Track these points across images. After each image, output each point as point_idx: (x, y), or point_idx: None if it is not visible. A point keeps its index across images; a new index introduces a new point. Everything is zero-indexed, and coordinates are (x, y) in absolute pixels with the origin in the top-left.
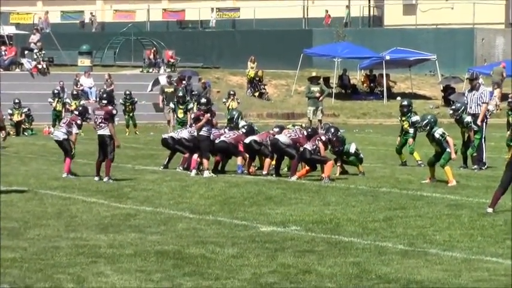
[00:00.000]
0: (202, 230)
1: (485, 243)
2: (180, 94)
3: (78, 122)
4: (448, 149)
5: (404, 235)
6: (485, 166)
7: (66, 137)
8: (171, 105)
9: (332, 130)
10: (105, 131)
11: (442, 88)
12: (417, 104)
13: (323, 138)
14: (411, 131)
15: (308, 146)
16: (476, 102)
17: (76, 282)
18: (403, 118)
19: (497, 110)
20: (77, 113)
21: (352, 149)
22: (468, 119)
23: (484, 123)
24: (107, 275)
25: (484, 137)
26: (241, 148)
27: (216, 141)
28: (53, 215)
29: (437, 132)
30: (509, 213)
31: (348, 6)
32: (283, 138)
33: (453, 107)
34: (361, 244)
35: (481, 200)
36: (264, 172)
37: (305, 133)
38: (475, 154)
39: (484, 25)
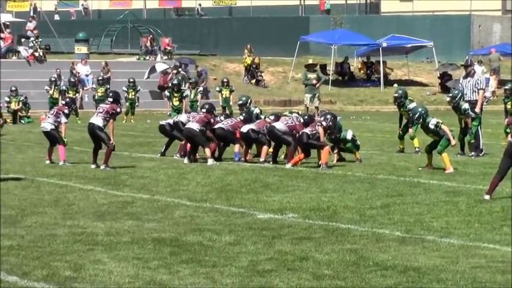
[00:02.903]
0: (199, 218)
1: (483, 230)
2: (175, 82)
3: (66, 111)
4: (445, 136)
5: (401, 222)
6: (482, 153)
7: (53, 127)
8: (166, 92)
9: (328, 117)
10: (97, 121)
11: (439, 75)
12: (414, 90)
13: (324, 123)
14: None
15: (307, 130)
16: (471, 89)
17: (73, 270)
18: (401, 109)
19: (493, 96)
20: (64, 103)
21: (349, 135)
22: (465, 106)
23: (481, 110)
24: (104, 262)
25: (481, 124)
26: (238, 135)
27: (215, 127)
28: (50, 203)
29: (432, 123)
30: (506, 200)
31: None
32: (280, 125)
33: (451, 94)
34: (358, 231)
35: (478, 187)
36: (261, 159)
37: (302, 120)
38: (472, 141)
39: (481, 12)
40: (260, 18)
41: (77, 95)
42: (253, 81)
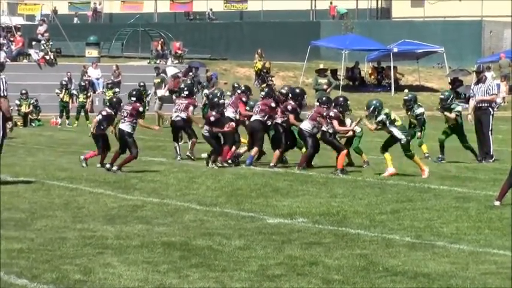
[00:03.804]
0: (209, 222)
1: (493, 236)
2: (182, 86)
3: (140, 109)
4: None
5: (411, 227)
6: (493, 159)
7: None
8: (174, 96)
9: (341, 99)
10: (126, 127)
11: (449, 81)
12: (424, 96)
13: (331, 114)
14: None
15: (324, 128)
16: (482, 95)
17: (83, 273)
18: (409, 113)
19: (504, 102)
20: (134, 99)
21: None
22: (459, 108)
23: (491, 116)
24: (114, 266)
25: (491, 130)
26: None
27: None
28: (60, 206)
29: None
30: None
31: None
32: (306, 125)
33: (442, 96)
34: (368, 236)
35: (489, 193)
36: (271, 164)
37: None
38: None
39: (492, 17)
40: (271, 23)
41: (88, 99)
42: (264, 85)
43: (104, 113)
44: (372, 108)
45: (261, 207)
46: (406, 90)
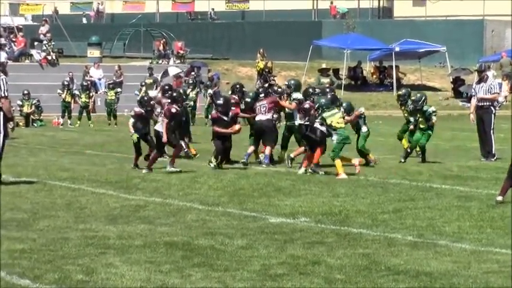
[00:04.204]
0: (211, 222)
1: (495, 235)
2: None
3: (173, 110)
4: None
5: (413, 226)
6: (495, 158)
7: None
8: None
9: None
10: (159, 127)
11: (451, 80)
12: (427, 95)
13: (306, 106)
14: (411, 119)
15: (300, 121)
16: (484, 94)
17: (85, 273)
18: (403, 108)
19: (506, 101)
20: (169, 100)
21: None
22: (431, 109)
23: (493, 115)
24: (116, 266)
25: (493, 129)
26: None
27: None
28: (62, 206)
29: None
30: None
31: None
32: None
33: (413, 98)
34: (370, 235)
35: (491, 192)
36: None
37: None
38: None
39: (494, 16)
40: (273, 23)
41: (90, 99)
42: (266, 85)
43: (132, 113)
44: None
45: (263, 207)
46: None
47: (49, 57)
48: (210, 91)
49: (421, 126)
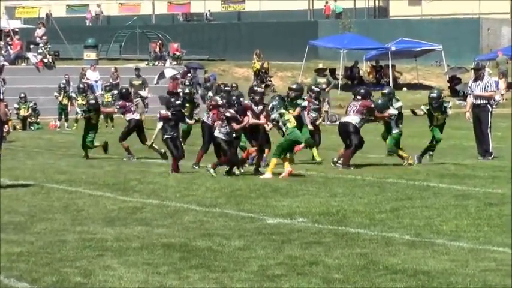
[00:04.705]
0: (208, 223)
1: (492, 233)
2: (187, 91)
3: (228, 114)
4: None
5: (411, 226)
6: (492, 156)
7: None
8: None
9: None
10: (218, 133)
11: (448, 78)
12: (423, 94)
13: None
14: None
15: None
16: (480, 92)
17: (83, 276)
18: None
19: (503, 99)
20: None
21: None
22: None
23: (490, 113)
24: (114, 268)
25: (490, 127)
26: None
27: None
28: (60, 209)
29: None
30: None
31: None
32: (353, 118)
33: (432, 95)
34: (368, 235)
35: (488, 190)
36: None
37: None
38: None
39: (490, 15)
40: (269, 23)
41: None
42: (263, 86)
43: (159, 115)
44: (270, 107)
45: (260, 208)
46: (404, 89)
47: (45, 60)
48: (210, 94)
49: (439, 121)
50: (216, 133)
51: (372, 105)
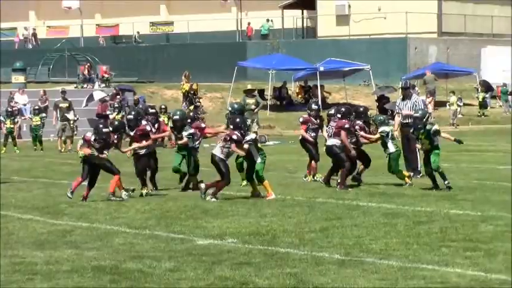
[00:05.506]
0: (139, 245)
1: (421, 251)
2: (177, 117)
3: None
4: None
5: (340, 245)
6: (420, 174)
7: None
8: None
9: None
10: (218, 152)
11: (376, 98)
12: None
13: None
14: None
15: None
16: (408, 111)
17: None
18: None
19: (431, 118)
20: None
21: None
22: (435, 127)
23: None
24: None
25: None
26: None
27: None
28: None
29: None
30: (443, 221)
31: (268, 20)
32: (336, 141)
33: (416, 114)
34: (297, 255)
35: (417, 209)
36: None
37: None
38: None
39: (417, 34)
40: (197, 45)
41: (16, 125)
42: (192, 107)
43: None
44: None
45: (190, 229)
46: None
47: None
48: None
49: (424, 146)
50: (217, 152)
51: (347, 126)
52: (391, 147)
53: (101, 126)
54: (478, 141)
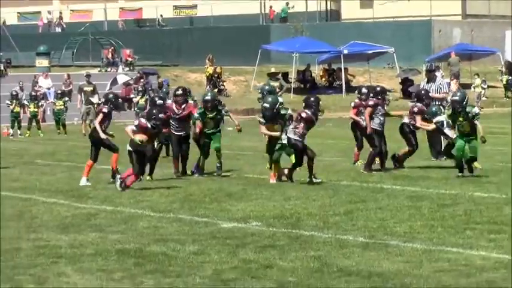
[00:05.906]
0: (163, 228)
1: (446, 234)
2: (208, 97)
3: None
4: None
5: (365, 228)
6: (445, 157)
7: None
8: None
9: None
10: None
11: (400, 80)
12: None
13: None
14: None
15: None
16: (433, 94)
17: (37, 283)
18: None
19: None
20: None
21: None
22: (475, 109)
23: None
24: (68, 275)
25: None
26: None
27: None
28: (13, 217)
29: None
30: (468, 204)
31: (287, 3)
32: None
33: (454, 98)
34: (322, 238)
35: (441, 191)
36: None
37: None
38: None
39: (441, 17)
40: (221, 28)
41: (40, 108)
42: (216, 90)
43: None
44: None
45: (214, 212)
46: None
47: None
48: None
49: (463, 131)
50: (291, 135)
51: (371, 103)
52: (451, 134)
53: (156, 112)
54: (502, 124)
